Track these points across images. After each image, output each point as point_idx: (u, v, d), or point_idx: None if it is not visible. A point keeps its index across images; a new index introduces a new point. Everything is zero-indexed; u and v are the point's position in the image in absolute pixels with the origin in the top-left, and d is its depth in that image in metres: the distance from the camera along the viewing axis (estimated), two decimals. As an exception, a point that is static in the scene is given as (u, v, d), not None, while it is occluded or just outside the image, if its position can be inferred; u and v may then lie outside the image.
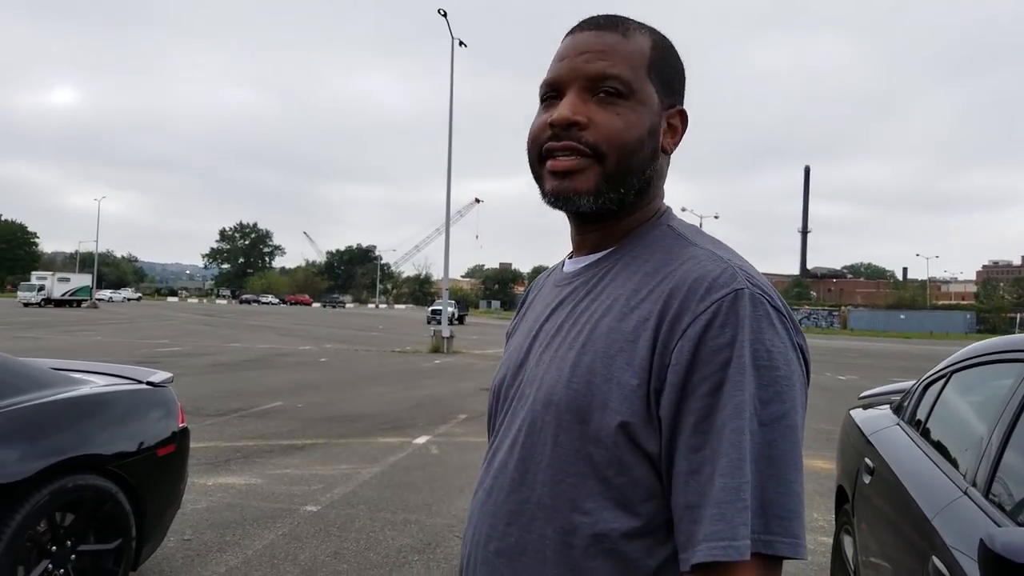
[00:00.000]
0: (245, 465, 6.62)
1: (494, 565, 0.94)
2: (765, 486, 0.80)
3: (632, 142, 0.95)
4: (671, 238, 0.97)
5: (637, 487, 0.86)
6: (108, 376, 4.01)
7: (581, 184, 0.95)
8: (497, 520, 0.95)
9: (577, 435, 0.88)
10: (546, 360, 0.96)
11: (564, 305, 1.00)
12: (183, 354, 17.90)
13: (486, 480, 1.00)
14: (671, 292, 0.88)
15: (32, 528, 3.10)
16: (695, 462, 0.82)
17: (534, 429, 0.93)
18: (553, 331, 0.99)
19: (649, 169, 0.98)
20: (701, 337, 0.84)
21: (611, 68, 0.95)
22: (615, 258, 0.99)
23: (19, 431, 3.16)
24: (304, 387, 12.39)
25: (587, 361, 0.90)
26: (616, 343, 0.89)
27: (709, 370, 0.83)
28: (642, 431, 0.86)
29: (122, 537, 3.47)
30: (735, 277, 0.87)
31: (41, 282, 58.80)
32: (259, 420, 8.98)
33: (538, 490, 0.91)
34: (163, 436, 3.80)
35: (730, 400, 0.81)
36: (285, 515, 5.13)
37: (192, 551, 4.37)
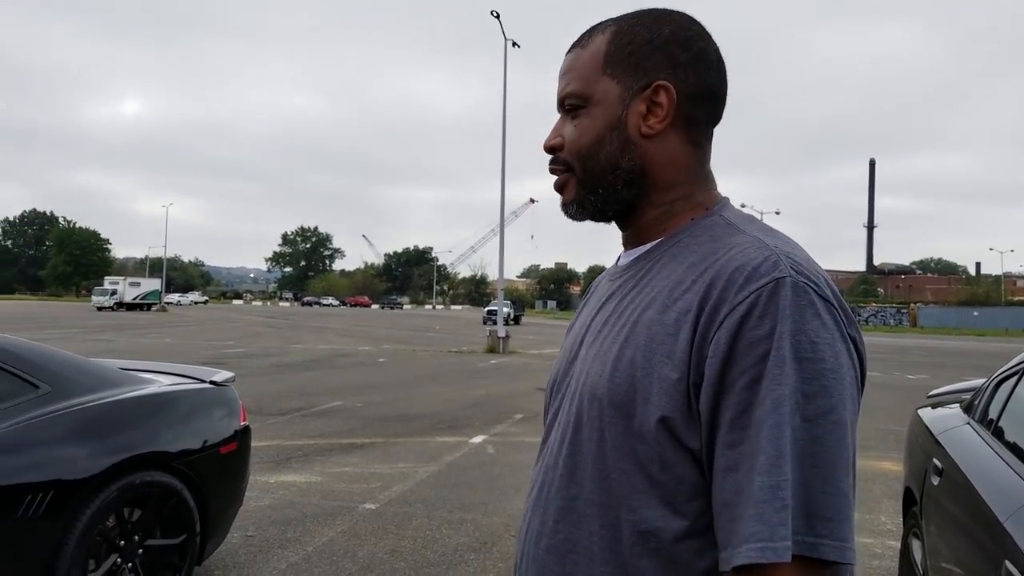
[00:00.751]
0: (306, 463, 6.76)
1: (544, 562, 0.93)
2: (809, 485, 0.76)
3: (585, 146, 0.98)
4: (721, 227, 0.94)
5: (681, 484, 0.84)
6: (173, 376, 4.14)
7: (567, 196, 1.02)
8: (547, 517, 0.94)
9: (622, 431, 0.86)
10: (591, 355, 0.95)
11: (613, 298, 0.99)
12: (247, 355, 18.37)
13: (538, 477, 0.99)
14: (711, 282, 0.85)
15: (102, 523, 3.22)
16: (732, 458, 0.79)
17: (580, 424, 0.92)
18: (601, 325, 0.98)
19: (624, 161, 0.96)
20: (739, 328, 0.80)
21: (567, 88, 1.00)
22: (662, 249, 0.97)
23: (89, 429, 3.28)
24: (363, 387, 12.58)
25: (629, 355, 0.88)
26: (657, 336, 0.86)
27: (747, 363, 0.79)
28: (683, 426, 0.83)
29: (187, 533, 3.57)
30: (778, 264, 0.83)
31: (114, 287, 61.18)
32: (319, 419, 9.15)
33: (587, 486, 0.90)
34: (226, 434, 3.90)
35: (769, 394, 0.78)
36: (344, 513, 5.21)
37: (255, 547, 4.47)
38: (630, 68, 0.96)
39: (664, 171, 0.97)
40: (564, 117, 1.01)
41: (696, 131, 0.98)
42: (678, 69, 0.96)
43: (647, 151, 0.96)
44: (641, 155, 0.96)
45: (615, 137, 0.96)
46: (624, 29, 0.98)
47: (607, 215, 1.01)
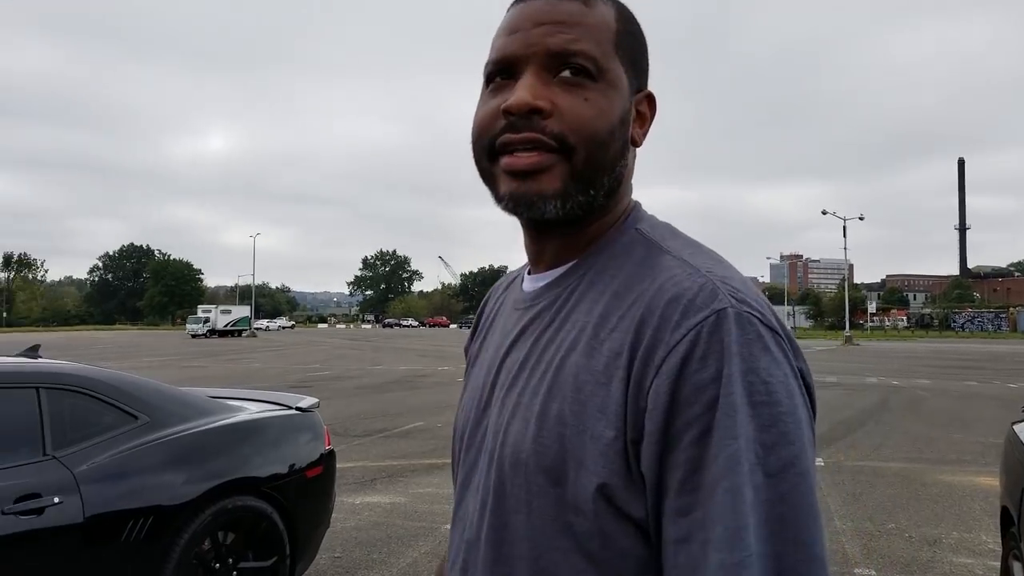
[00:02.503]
0: (390, 484, 6.90)
1: None
2: (781, 553, 0.63)
3: (603, 133, 0.78)
4: (641, 245, 0.80)
5: (626, 561, 0.70)
6: (259, 403, 4.32)
7: (547, 185, 0.77)
8: None
9: (553, 501, 0.72)
10: (509, 406, 0.80)
11: (526, 336, 0.83)
12: (332, 377, 18.86)
13: (458, 551, 0.83)
14: (643, 318, 0.72)
15: (198, 546, 3.38)
16: (684, 528, 0.66)
17: (503, 493, 0.77)
18: (515, 368, 0.82)
19: (620, 165, 0.81)
20: (679, 373, 0.67)
21: (576, 43, 0.77)
22: (579, 274, 0.82)
23: (184, 457, 3.46)
24: (443, 407, 12.73)
25: (555, 409, 0.73)
26: (587, 386, 0.72)
27: (693, 413, 0.66)
28: (623, 493, 0.69)
29: (277, 555, 3.71)
30: (716, 294, 0.70)
31: (206, 315, 63.97)
32: (402, 440, 9.32)
33: (517, 567, 0.75)
34: (312, 458, 4.03)
35: (721, 450, 0.65)
36: (427, 533, 5.30)
37: (342, 568, 4.60)
38: (631, 63, 0.82)
39: (626, 184, 0.85)
40: (547, 80, 0.77)
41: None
42: (647, 81, 0.87)
43: (628, 159, 0.84)
44: (626, 162, 0.83)
45: (622, 134, 0.80)
46: (624, 14, 0.84)
47: (566, 222, 0.81)
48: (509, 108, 0.76)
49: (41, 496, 2.90)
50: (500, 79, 0.80)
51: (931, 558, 4.91)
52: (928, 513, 6.02)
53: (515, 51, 0.79)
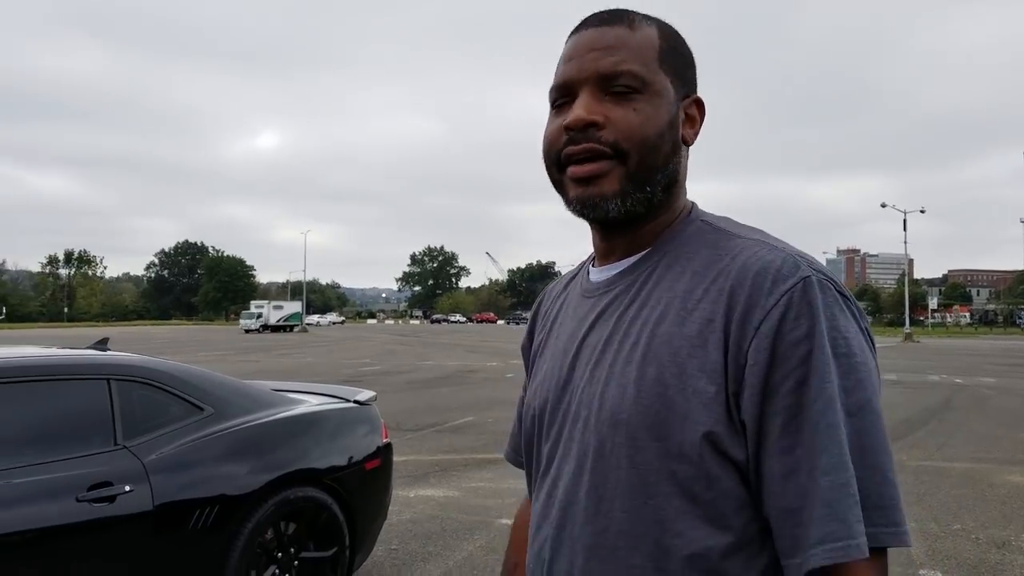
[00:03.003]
0: (443, 478, 6.94)
1: None
2: (863, 477, 0.77)
3: (652, 136, 0.90)
4: (710, 232, 0.93)
5: (727, 499, 0.82)
6: (318, 395, 4.38)
7: (607, 187, 0.90)
8: (575, 556, 0.88)
9: (655, 454, 0.83)
10: (600, 377, 0.90)
11: (606, 316, 0.94)
12: (382, 372, 19.07)
13: (551, 513, 0.93)
14: (733, 288, 0.83)
15: (261, 536, 3.44)
16: (789, 463, 0.79)
17: (603, 453, 0.87)
18: (600, 345, 0.92)
19: (672, 163, 0.94)
20: (777, 332, 0.80)
21: (622, 64, 0.90)
22: (653, 260, 0.94)
23: (248, 448, 3.52)
24: (493, 402, 12.76)
25: (653, 373, 0.85)
26: (682, 350, 0.84)
27: (791, 365, 0.79)
28: (727, 439, 0.82)
29: (337, 545, 3.75)
30: (798, 265, 0.83)
31: (259, 310, 65.34)
32: (453, 435, 9.37)
33: (618, 517, 0.85)
34: (370, 451, 4.08)
35: (819, 394, 0.78)
36: (482, 527, 5.31)
37: (399, 560, 4.64)
38: (677, 73, 0.95)
39: (682, 181, 0.98)
40: (600, 97, 0.91)
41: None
42: (697, 87, 0.99)
43: (682, 158, 0.96)
44: (679, 161, 0.95)
45: (672, 136, 0.93)
46: (669, 33, 0.97)
47: (630, 217, 0.93)
48: (569, 125, 0.91)
49: (113, 484, 2.99)
50: (562, 101, 0.94)
51: (1000, 560, 4.75)
52: (996, 514, 5.82)
53: (572, 76, 0.93)
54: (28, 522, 2.75)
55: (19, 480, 2.78)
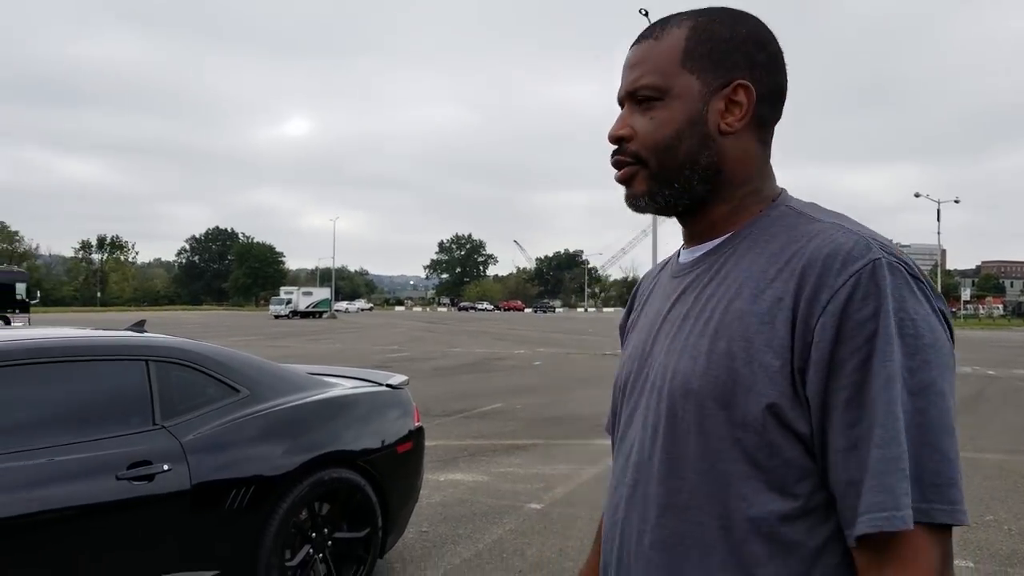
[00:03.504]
0: (472, 463, 6.98)
1: (649, 558, 0.94)
2: (919, 455, 0.80)
3: (664, 140, 0.98)
4: (791, 217, 0.97)
5: (790, 468, 0.86)
6: (352, 379, 4.41)
7: (637, 189, 1.02)
8: (648, 513, 0.95)
9: (722, 421, 0.88)
10: (676, 348, 0.96)
11: (687, 293, 1.00)
12: (410, 359, 19.20)
13: (627, 474, 1.00)
14: (804, 269, 0.87)
15: (296, 516, 3.49)
16: (852, 438, 0.82)
17: (674, 419, 0.93)
18: (679, 320, 0.99)
19: (702, 156, 0.98)
20: (843, 311, 0.83)
21: (640, 79, 1.00)
22: (734, 243, 0.99)
23: (283, 429, 3.57)
24: (521, 389, 12.81)
25: (723, 346, 0.90)
26: (752, 325, 0.88)
27: (855, 344, 0.82)
28: (790, 411, 0.86)
29: (370, 527, 3.79)
30: (869, 248, 0.86)
31: (289, 296, 65.98)
32: (481, 421, 9.42)
33: (689, 479, 0.91)
34: (402, 434, 4.11)
35: (880, 372, 0.81)
36: (511, 512, 5.34)
37: (429, 543, 4.68)
38: (710, 65, 0.98)
39: (737, 168, 1.00)
40: (632, 109, 1.01)
41: (764, 129, 1.01)
42: (755, 69, 0.99)
43: (724, 148, 0.99)
44: (719, 152, 0.98)
45: (695, 132, 0.98)
46: (702, 25, 1.00)
47: (676, 209, 1.03)
48: (608, 139, 1.03)
49: (152, 463, 3.04)
50: None
51: (1037, 554, 4.67)
52: (1032, 507, 5.73)
53: (618, 94, 1.05)
54: (70, 499, 2.81)
55: (61, 458, 2.85)
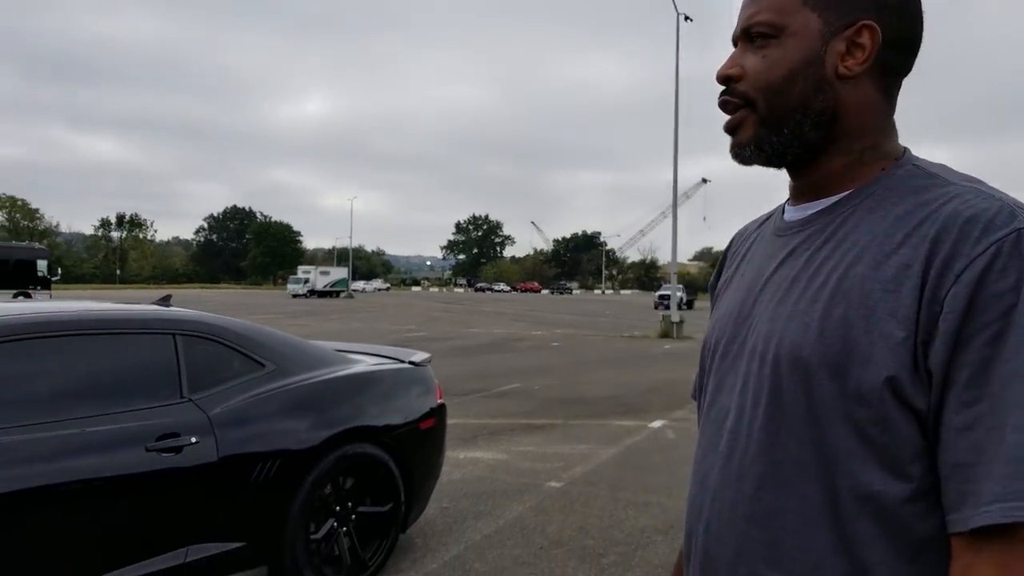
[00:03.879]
0: (491, 441, 7.01)
1: (744, 531, 0.89)
2: None
3: (776, 80, 0.92)
4: (920, 178, 0.89)
5: (904, 446, 0.80)
6: (375, 356, 4.44)
7: (742, 136, 0.95)
8: (744, 484, 0.90)
9: (833, 393, 0.82)
10: (783, 313, 0.89)
11: (796, 255, 0.93)
12: (428, 338, 19.27)
13: (721, 444, 0.95)
14: (938, 235, 0.80)
15: (321, 490, 3.52)
16: (968, 418, 0.76)
17: (779, 388, 0.87)
18: (787, 283, 0.92)
19: (816, 101, 0.91)
20: (979, 281, 0.76)
21: (757, 15, 0.93)
22: (852, 202, 0.91)
23: (308, 404, 3.59)
24: (539, 370, 12.83)
25: (839, 313, 0.83)
26: (874, 292, 0.82)
27: (988, 318, 0.76)
28: (909, 386, 0.79)
29: (393, 501, 3.83)
30: (1015, 215, 0.79)
31: (306, 275, 66.30)
32: (500, 400, 9.45)
33: (793, 451, 0.85)
34: (424, 411, 4.13)
35: (1017, 351, 0.74)
36: (531, 489, 5.37)
37: (450, 518, 4.71)
38: (833, 3, 0.91)
39: (856, 117, 0.92)
40: (745, 47, 0.95)
41: (890, 79, 0.94)
42: (883, 12, 0.91)
43: (841, 93, 0.92)
44: (835, 97, 0.91)
45: (810, 74, 0.91)
46: None
47: (785, 159, 0.95)
48: (716, 78, 0.97)
49: (180, 436, 3.07)
50: None
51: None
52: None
53: (733, 33, 0.98)
54: (101, 470, 2.85)
55: (92, 429, 2.88)
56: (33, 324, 2.97)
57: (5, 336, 2.84)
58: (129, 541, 2.92)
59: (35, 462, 2.69)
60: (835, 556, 0.82)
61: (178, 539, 3.06)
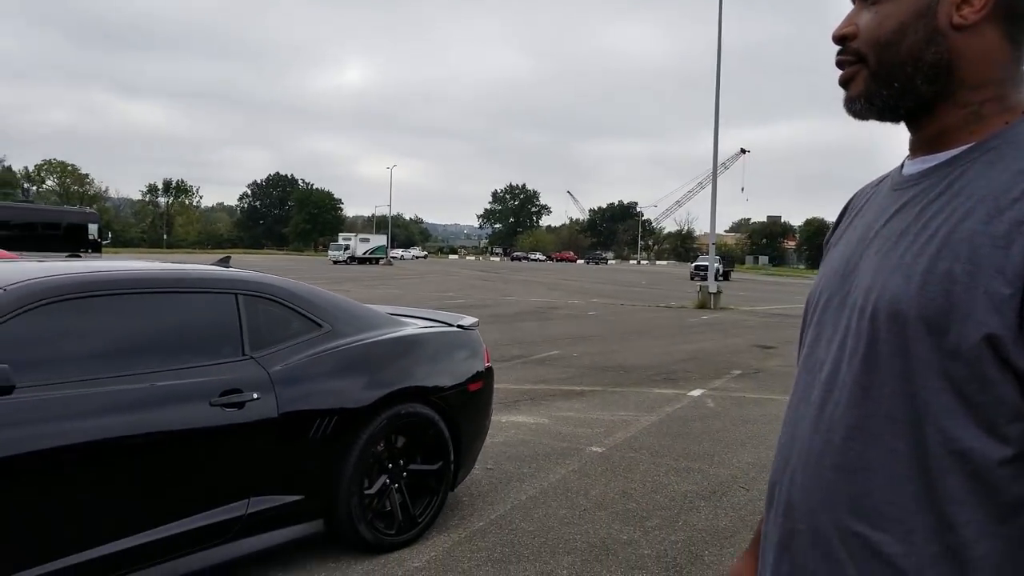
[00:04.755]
0: (533, 406, 7.12)
1: (830, 480, 0.89)
2: None
3: (885, 33, 0.91)
4: None
5: (1002, 407, 0.79)
6: (425, 320, 4.53)
7: (854, 90, 0.95)
8: (833, 435, 0.89)
9: (931, 347, 0.81)
10: (887, 266, 0.88)
11: (908, 208, 0.91)
12: (467, 306, 19.40)
13: (813, 394, 0.94)
14: None
15: (374, 447, 3.64)
16: None
17: (875, 341, 0.86)
18: (895, 236, 0.90)
19: (928, 53, 0.89)
20: None
21: None
22: (972, 156, 0.89)
23: (362, 364, 3.70)
24: (577, 338, 12.89)
25: (944, 267, 0.81)
26: (982, 248, 0.80)
27: None
28: (1012, 345, 0.77)
29: (443, 460, 3.94)
30: None
31: (346, 243, 66.98)
32: (539, 367, 9.54)
33: (885, 404, 0.85)
34: (473, 373, 4.22)
35: None
36: (573, 454, 5.46)
37: (495, 479, 4.83)
38: None
39: (974, 67, 0.89)
40: (861, 5, 0.95)
41: (1016, 26, 0.89)
42: None
43: (957, 44, 0.89)
44: (950, 48, 0.89)
45: (921, 26, 0.89)
46: None
47: (898, 112, 0.94)
48: (832, 39, 0.98)
49: (242, 392, 3.20)
50: None
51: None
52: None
53: None
54: (170, 422, 2.99)
55: (162, 383, 3.02)
56: (108, 281, 3.10)
57: (85, 292, 2.97)
58: (196, 490, 3.06)
59: (111, 413, 2.83)
60: (922, 511, 0.82)
61: (241, 490, 3.20)
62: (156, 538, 2.92)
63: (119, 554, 2.82)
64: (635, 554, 3.74)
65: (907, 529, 0.82)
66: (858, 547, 0.86)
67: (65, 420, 2.71)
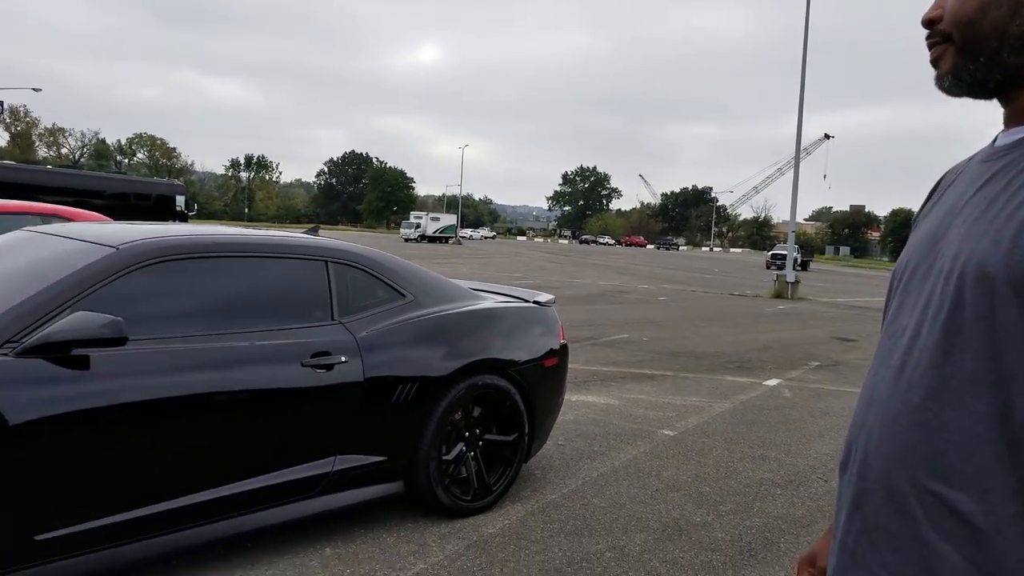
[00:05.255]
0: (602, 387, 7.13)
1: (907, 438, 0.90)
2: None
3: (968, 12, 0.94)
4: None
5: None
6: (503, 295, 4.59)
7: (943, 68, 0.98)
8: (911, 394, 0.90)
9: (1016, 310, 0.81)
10: (976, 232, 0.89)
11: (999, 177, 0.92)
12: (535, 286, 19.43)
13: (893, 357, 0.96)
14: None
15: (452, 415, 3.73)
16: None
17: (961, 303, 0.87)
18: (984, 204, 0.91)
19: (1012, 25, 0.90)
20: None
21: None
22: None
23: (442, 335, 3.78)
24: (647, 322, 12.81)
25: None
26: None
27: None
28: None
29: (518, 432, 4.00)
30: None
31: (418, 221, 67.87)
32: (609, 349, 9.53)
33: (968, 366, 0.85)
34: (548, 349, 4.26)
35: None
36: (644, 436, 5.46)
37: (567, 455, 4.88)
38: None
39: None
40: None
41: None
42: None
43: None
44: None
45: (1004, 1, 0.91)
46: None
47: (987, 87, 0.95)
48: (921, 23, 1.01)
49: (331, 355, 3.32)
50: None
51: None
52: None
53: None
54: (265, 381, 3.13)
55: (260, 343, 3.16)
56: (213, 244, 3.25)
57: (192, 254, 3.13)
58: (287, 446, 3.20)
59: (211, 369, 2.98)
60: (1003, 472, 0.82)
61: (327, 448, 3.33)
62: (251, 487, 3.08)
63: (216, 501, 2.98)
64: (708, 536, 3.74)
65: (985, 488, 0.82)
66: (934, 505, 0.86)
67: (171, 373, 2.86)
